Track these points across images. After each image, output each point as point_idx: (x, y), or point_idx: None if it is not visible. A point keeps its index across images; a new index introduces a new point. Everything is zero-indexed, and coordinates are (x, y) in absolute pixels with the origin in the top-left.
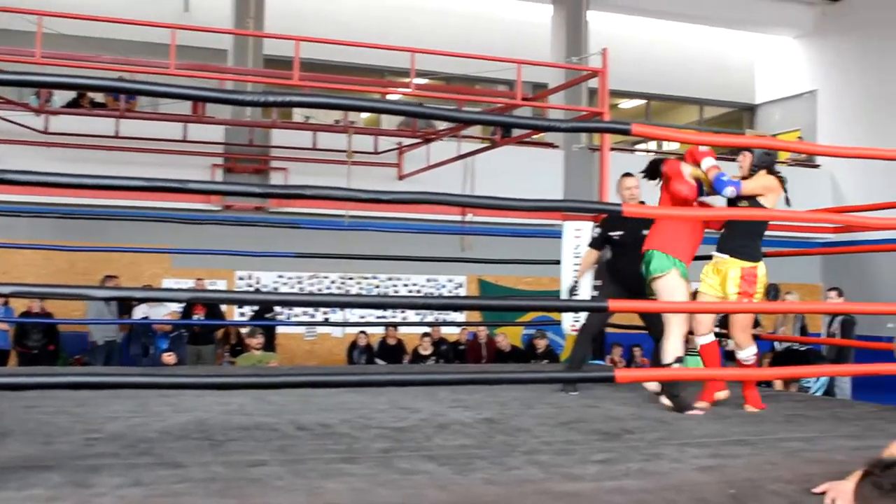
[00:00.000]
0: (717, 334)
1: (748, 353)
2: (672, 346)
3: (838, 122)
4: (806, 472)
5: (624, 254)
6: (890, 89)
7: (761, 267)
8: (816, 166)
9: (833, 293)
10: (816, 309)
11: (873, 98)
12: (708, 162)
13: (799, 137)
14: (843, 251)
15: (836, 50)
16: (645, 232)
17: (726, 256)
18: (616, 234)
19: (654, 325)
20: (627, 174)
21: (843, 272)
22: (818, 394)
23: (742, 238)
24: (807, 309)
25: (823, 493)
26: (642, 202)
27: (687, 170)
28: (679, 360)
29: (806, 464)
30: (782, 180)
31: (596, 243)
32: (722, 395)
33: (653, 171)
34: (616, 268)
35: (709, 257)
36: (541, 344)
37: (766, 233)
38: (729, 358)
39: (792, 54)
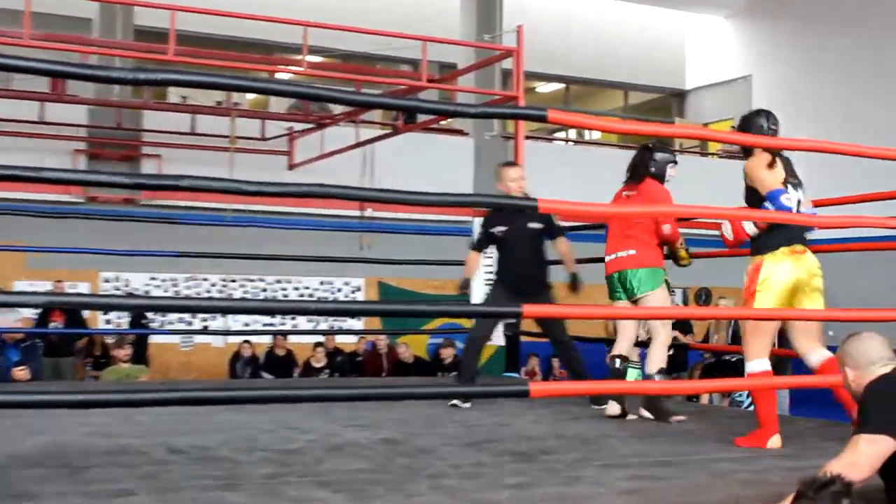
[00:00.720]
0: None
1: (751, 367)
2: (658, 355)
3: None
4: (738, 495)
5: (511, 252)
6: (829, 74)
7: (770, 260)
8: None
9: None
10: (754, 315)
11: (812, 84)
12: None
13: (732, 127)
14: None
15: (771, 32)
16: (533, 225)
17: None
18: (499, 230)
19: (552, 330)
20: (510, 163)
21: None
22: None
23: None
24: (743, 315)
25: None
26: (526, 195)
27: None
28: (661, 371)
29: (738, 486)
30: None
31: (479, 244)
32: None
33: (635, 169)
34: (502, 269)
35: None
36: (448, 354)
37: (695, 231)
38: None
39: (724, 36)
